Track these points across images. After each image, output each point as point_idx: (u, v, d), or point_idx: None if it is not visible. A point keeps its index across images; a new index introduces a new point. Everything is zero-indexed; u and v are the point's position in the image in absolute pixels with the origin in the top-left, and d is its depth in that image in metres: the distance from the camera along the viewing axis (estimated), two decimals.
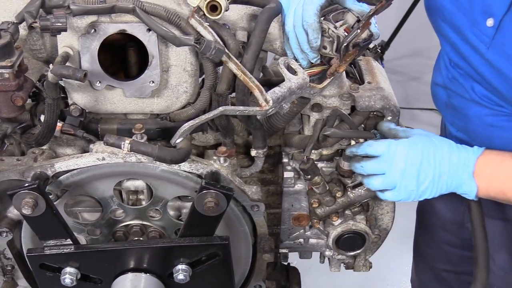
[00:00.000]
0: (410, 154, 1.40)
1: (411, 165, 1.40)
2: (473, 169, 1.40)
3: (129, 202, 1.56)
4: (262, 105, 1.32)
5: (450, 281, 2.04)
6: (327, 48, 1.39)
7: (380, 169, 1.43)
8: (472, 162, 1.40)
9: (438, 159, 1.41)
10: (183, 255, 1.46)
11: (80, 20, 1.37)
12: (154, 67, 1.41)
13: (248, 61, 1.36)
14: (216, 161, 1.47)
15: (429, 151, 1.41)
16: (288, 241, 1.76)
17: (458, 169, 1.41)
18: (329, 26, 1.37)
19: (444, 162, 1.41)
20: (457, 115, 1.61)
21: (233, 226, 1.56)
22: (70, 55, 1.39)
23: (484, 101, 1.51)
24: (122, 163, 1.44)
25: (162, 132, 1.53)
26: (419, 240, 2.13)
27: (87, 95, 1.47)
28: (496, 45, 1.40)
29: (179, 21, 1.35)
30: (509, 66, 1.38)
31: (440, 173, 1.41)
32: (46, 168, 1.43)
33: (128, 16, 1.36)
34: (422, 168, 1.40)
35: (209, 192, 1.37)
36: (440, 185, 1.42)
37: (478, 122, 1.55)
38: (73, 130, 1.48)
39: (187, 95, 1.48)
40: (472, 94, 1.53)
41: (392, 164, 1.41)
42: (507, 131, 1.49)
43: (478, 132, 1.56)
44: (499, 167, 1.40)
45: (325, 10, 1.41)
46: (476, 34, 1.43)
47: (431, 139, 1.43)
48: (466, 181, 1.41)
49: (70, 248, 1.45)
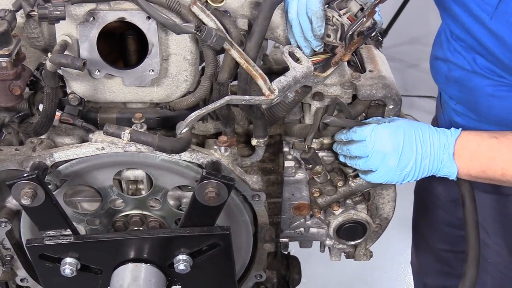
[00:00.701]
0: (392, 136, 1.43)
1: (392, 147, 1.43)
2: (453, 151, 1.43)
3: (129, 192, 1.55)
4: (266, 94, 1.31)
5: (449, 260, 2.07)
6: (330, 37, 1.37)
7: (364, 152, 1.47)
8: (452, 143, 1.43)
9: (420, 142, 1.44)
10: (184, 245, 1.45)
11: (78, 8, 1.35)
12: (154, 56, 1.39)
13: (251, 49, 1.35)
14: (217, 150, 1.46)
15: (410, 134, 1.44)
16: (288, 230, 1.75)
17: (439, 151, 1.44)
18: (333, 14, 1.35)
19: (425, 145, 1.44)
20: (458, 87, 1.62)
21: (234, 215, 1.55)
22: (69, 43, 1.38)
23: (485, 72, 1.51)
24: (121, 153, 1.42)
25: (162, 121, 1.52)
26: (418, 221, 2.15)
27: (86, 84, 1.45)
28: (499, 14, 1.40)
29: (179, 8, 1.33)
30: (510, 34, 1.38)
31: (422, 156, 1.44)
32: (45, 158, 1.42)
33: (127, 3, 1.35)
34: (404, 151, 1.43)
35: (210, 182, 1.36)
36: (422, 167, 1.45)
37: (479, 93, 1.56)
38: (72, 120, 1.47)
39: (187, 84, 1.46)
40: (473, 66, 1.54)
41: (374, 147, 1.44)
42: (507, 101, 1.51)
43: (478, 102, 1.58)
44: (478, 147, 1.43)
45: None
46: (479, 5, 1.44)
47: (412, 123, 1.46)
48: (447, 163, 1.44)
49: (69, 238, 1.44)
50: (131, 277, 1.46)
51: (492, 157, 1.41)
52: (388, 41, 4.98)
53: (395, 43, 5.15)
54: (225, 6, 1.45)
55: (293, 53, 1.38)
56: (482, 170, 1.43)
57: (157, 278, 1.48)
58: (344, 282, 3.33)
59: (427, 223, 2.07)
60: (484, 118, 1.58)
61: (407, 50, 5.03)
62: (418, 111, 4.04)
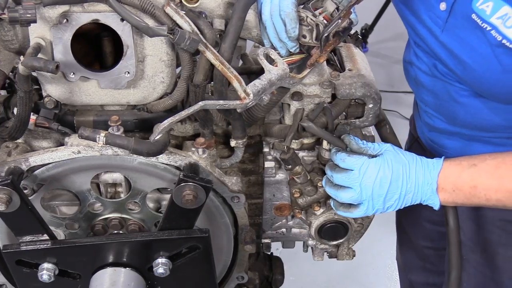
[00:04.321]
0: (380, 174, 1.44)
1: (380, 185, 1.44)
2: (436, 186, 1.44)
3: (108, 195, 1.53)
4: (241, 96, 1.29)
5: (431, 257, 2.07)
6: (306, 37, 1.36)
7: (349, 183, 1.46)
8: (434, 179, 1.44)
9: (405, 179, 1.45)
10: (163, 248, 1.44)
11: (51, 10, 1.33)
12: (129, 58, 1.38)
13: (225, 50, 1.33)
14: (195, 152, 1.44)
15: (398, 171, 1.44)
16: (270, 231, 1.74)
17: (423, 187, 1.45)
18: (307, 15, 1.34)
19: (411, 182, 1.45)
20: (425, 91, 1.63)
21: (214, 217, 1.54)
22: (42, 46, 1.36)
23: (446, 78, 1.52)
24: (98, 156, 1.41)
25: (140, 123, 1.50)
26: (401, 218, 2.15)
27: (61, 87, 1.43)
28: (449, 28, 1.42)
29: (153, 10, 1.31)
30: (461, 49, 1.40)
31: (406, 192, 1.46)
32: (20, 163, 1.40)
33: (101, 5, 1.32)
34: (390, 188, 1.45)
35: (187, 185, 1.35)
36: (405, 201, 1.47)
37: (444, 98, 1.57)
38: (48, 123, 1.45)
39: (164, 86, 1.45)
40: (434, 72, 1.54)
41: (361, 182, 1.44)
42: (469, 107, 1.52)
43: (444, 107, 1.59)
44: (459, 178, 1.44)
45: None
46: (431, 17, 1.45)
47: (400, 157, 1.46)
48: (431, 196, 1.46)
49: (46, 243, 1.42)
50: (110, 281, 1.44)
51: (474, 186, 1.42)
52: (373, 37, 4.98)
53: (380, 39, 5.15)
54: (201, 7, 1.44)
55: (268, 55, 1.36)
56: (467, 198, 1.44)
57: (136, 282, 1.46)
58: (331, 280, 3.33)
59: (408, 220, 2.08)
60: (452, 121, 1.58)
61: (393, 46, 5.03)
62: (404, 107, 4.03)
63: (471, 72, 1.41)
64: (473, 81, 1.44)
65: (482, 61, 1.37)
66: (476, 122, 1.53)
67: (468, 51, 1.39)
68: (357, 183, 1.44)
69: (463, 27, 1.39)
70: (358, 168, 1.44)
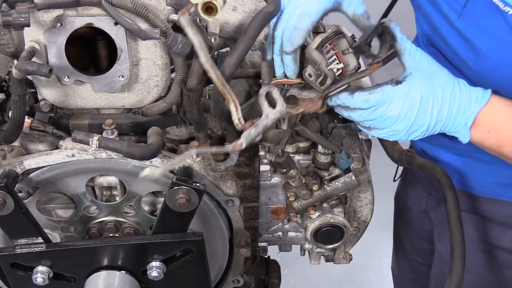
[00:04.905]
0: (407, 102, 1.28)
1: (405, 114, 1.29)
2: (472, 122, 1.31)
3: (103, 198, 1.54)
4: (235, 122, 1.25)
5: (422, 273, 2.04)
6: (312, 76, 1.33)
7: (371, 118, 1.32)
8: (473, 114, 1.30)
9: (437, 107, 1.29)
10: (157, 251, 1.44)
11: (46, 14, 1.34)
12: (123, 61, 1.38)
13: (229, 65, 1.27)
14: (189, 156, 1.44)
15: (428, 98, 1.28)
16: (267, 234, 1.74)
17: (456, 118, 1.31)
18: (321, 61, 1.30)
19: (443, 111, 1.30)
20: None
21: (209, 221, 1.54)
22: (37, 49, 1.36)
23: None
24: (92, 160, 1.41)
25: (135, 126, 1.50)
26: (398, 226, 2.13)
27: (56, 90, 1.43)
28: (466, 13, 1.36)
29: (147, 13, 1.32)
30: (477, 35, 1.34)
31: (436, 122, 1.31)
32: (15, 166, 1.41)
33: (95, 9, 1.33)
34: (417, 118, 1.30)
35: (180, 188, 1.35)
36: (432, 131, 1.34)
37: None
38: (43, 126, 1.45)
39: (159, 89, 1.45)
40: None
41: (385, 112, 1.29)
42: None
43: None
44: (503, 123, 1.30)
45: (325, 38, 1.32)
46: (449, 3, 1.40)
47: (433, 80, 1.29)
48: (461, 131, 1.33)
49: (41, 246, 1.42)
50: (104, 284, 1.45)
51: None
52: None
53: None
54: None
55: (270, 94, 1.31)
56: (499, 145, 1.32)
57: (131, 285, 1.47)
58: (333, 283, 3.33)
59: (403, 230, 2.06)
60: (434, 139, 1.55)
61: None
62: None
63: (484, 61, 1.33)
64: (485, 72, 1.35)
65: (499, 48, 1.29)
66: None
67: (485, 38, 1.32)
68: (380, 115, 1.30)
69: (483, 12, 1.31)
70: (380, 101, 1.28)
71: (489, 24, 1.31)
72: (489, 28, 1.31)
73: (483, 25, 1.32)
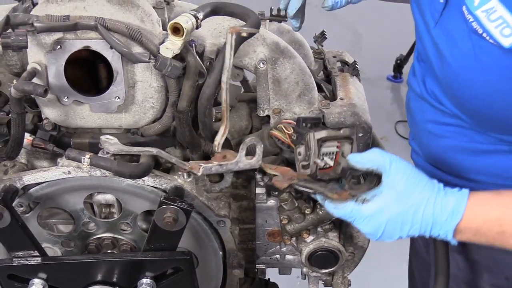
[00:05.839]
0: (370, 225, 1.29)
1: (370, 234, 1.31)
2: (452, 232, 1.26)
3: (102, 215, 1.58)
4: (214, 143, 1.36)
5: None
6: (300, 155, 1.37)
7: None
8: (452, 227, 1.26)
9: (407, 228, 1.27)
10: (147, 269, 1.48)
11: (47, 36, 1.40)
12: (119, 83, 1.43)
13: (208, 85, 1.37)
14: (180, 176, 1.48)
15: (395, 222, 1.27)
16: (264, 256, 1.75)
17: (433, 232, 1.27)
18: (313, 152, 1.33)
19: (414, 229, 1.27)
20: (411, 120, 1.58)
21: (202, 241, 1.57)
22: (38, 70, 1.42)
23: (431, 97, 1.46)
24: (88, 177, 1.46)
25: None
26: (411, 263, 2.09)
27: (57, 110, 1.49)
28: (442, 21, 1.35)
29: (140, 38, 1.37)
30: (444, 42, 1.33)
31: (408, 236, 1.29)
32: (15, 181, 1.47)
33: (92, 33, 1.39)
34: (384, 235, 1.30)
35: (168, 207, 1.38)
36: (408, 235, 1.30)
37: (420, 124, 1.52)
38: (44, 144, 1.51)
39: (154, 111, 1.49)
40: (422, 89, 1.49)
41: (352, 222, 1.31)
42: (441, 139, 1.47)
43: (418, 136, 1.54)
44: (485, 224, 1.25)
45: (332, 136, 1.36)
46: (431, 11, 1.39)
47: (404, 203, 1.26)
48: (443, 236, 1.28)
49: (37, 259, 1.47)
50: None
51: (502, 232, 1.24)
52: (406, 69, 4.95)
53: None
54: (194, 35, 1.49)
55: (254, 146, 1.37)
56: (489, 242, 1.28)
57: None
58: None
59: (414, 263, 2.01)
60: (425, 155, 1.55)
61: None
62: None
63: (447, 68, 1.32)
64: (448, 79, 1.34)
65: (460, 55, 1.29)
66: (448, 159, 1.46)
67: (450, 45, 1.31)
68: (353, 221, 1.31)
69: (453, 19, 1.30)
70: (348, 215, 1.30)
71: (455, 31, 1.30)
72: (455, 36, 1.30)
73: (451, 32, 1.31)
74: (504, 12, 1.19)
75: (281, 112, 1.56)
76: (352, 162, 1.31)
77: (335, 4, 1.63)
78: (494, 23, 1.19)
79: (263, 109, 1.57)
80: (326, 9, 1.64)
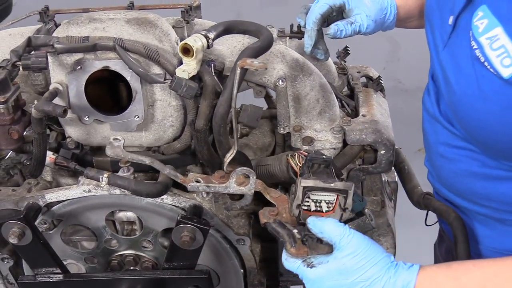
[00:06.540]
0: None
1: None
2: None
3: (124, 232, 1.60)
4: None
5: None
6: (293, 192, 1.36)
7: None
8: None
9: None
10: (167, 287, 1.48)
11: (68, 57, 1.43)
12: (138, 102, 1.44)
13: (221, 104, 1.36)
14: (199, 194, 1.48)
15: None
16: (287, 274, 1.74)
17: None
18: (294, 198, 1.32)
19: None
20: (425, 141, 1.55)
21: (223, 258, 1.56)
22: (60, 90, 1.45)
23: (443, 118, 1.43)
24: (108, 195, 1.48)
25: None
26: None
27: (79, 129, 1.52)
28: (450, 44, 1.33)
29: (158, 58, 1.38)
30: (450, 67, 1.31)
31: None
32: (38, 199, 1.49)
33: (112, 53, 1.41)
34: None
35: (185, 226, 1.39)
36: None
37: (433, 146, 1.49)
38: (66, 162, 1.54)
39: (174, 129, 1.50)
40: (435, 109, 1.46)
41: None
42: (453, 162, 1.44)
43: (432, 159, 1.52)
44: None
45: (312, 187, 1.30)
46: (441, 33, 1.37)
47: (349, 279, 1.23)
48: None
49: (59, 276, 1.50)
50: None
51: None
52: None
53: None
54: (214, 53, 1.50)
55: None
56: None
57: None
58: None
59: None
60: (439, 179, 1.51)
61: None
62: None
63: (452, 94, 1.30)
64: (454, 105, 1.33)
65: (464, 82, 1.26)
66: (459, 184, 1.44)
67: (455, 71, 1.29)
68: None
69: (460, 44, 1.29)
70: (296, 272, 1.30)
71: (461, 57, 1.28)
72: (460, 62, 1.28)
73: (457, 58, 1.29)
74: (507, 40, 1.16)
75: (301, 130, 1.55)
76: (309, 226, 1.29)
77: (339, 32, 1.58)
78: (496, 52, 1.18)
79: (284, 127, 1.57)
80: (328, 37, 1.60)
